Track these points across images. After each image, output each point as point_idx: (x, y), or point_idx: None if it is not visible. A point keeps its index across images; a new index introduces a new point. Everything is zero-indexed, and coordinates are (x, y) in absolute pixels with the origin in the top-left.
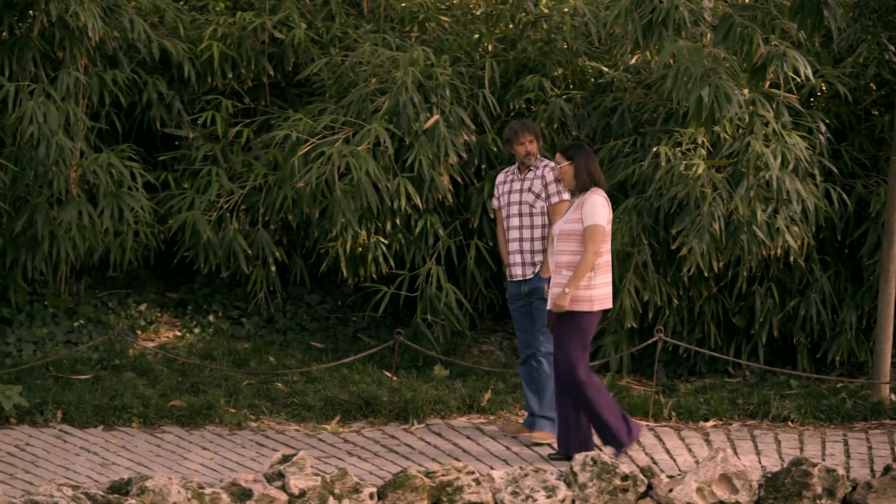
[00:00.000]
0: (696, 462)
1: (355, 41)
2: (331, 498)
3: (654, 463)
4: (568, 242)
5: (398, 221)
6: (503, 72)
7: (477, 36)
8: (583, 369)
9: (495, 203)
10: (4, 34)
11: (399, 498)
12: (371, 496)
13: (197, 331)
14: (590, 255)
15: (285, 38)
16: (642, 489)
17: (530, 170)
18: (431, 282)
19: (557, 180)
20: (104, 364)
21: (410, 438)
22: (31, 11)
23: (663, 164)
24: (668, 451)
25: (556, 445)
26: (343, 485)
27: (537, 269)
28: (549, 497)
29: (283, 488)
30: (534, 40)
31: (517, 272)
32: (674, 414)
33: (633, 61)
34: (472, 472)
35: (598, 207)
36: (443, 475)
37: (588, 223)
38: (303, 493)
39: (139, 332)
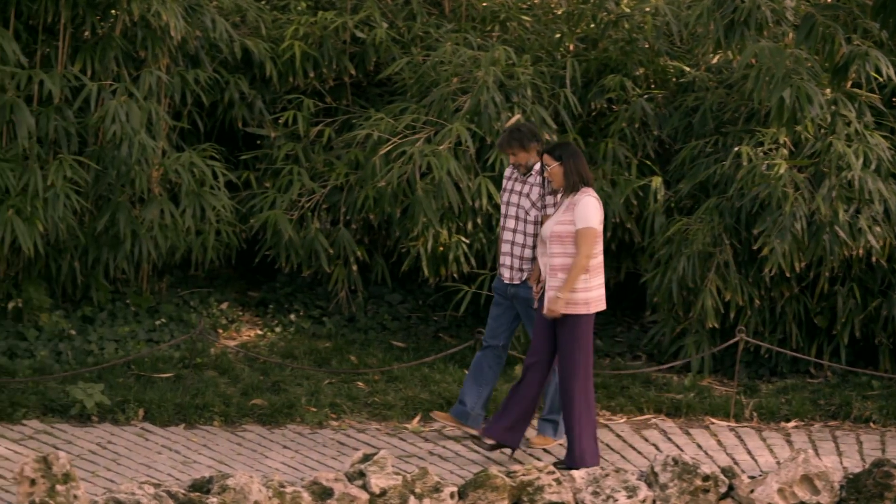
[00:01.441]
0: (778, 463)
1: (436, 41)
2: (411, 497)
3: (736, 463)
4: (560, 244)
5: (479, 221)
6: (584, 71)
7: (558, 35)
8: (581, 377)
9: (502, 198)
10: (87, 34)
11: (479, 497)
12: (452, 495)
13: (278, 330)
14: (582, 258)
15: (367, 38)
16: (723, 490)
17: (534, 175)
18: None
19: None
20: (186, 363)
21: None
22: (113, 11)
23: (745, 164)
24: (749, 452)
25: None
26: (424, 484)
27: (524, 276)
28: (629, 497)
29: (364, 487)
30: (615, 40)
31: (505, 274)
32: (755, 414)
33: (715, 61)
34: (553, 472)
35: (590, 209)
36: (523, 474)
37: (581, 225)
38: (383, 492)
39: (220, 331)
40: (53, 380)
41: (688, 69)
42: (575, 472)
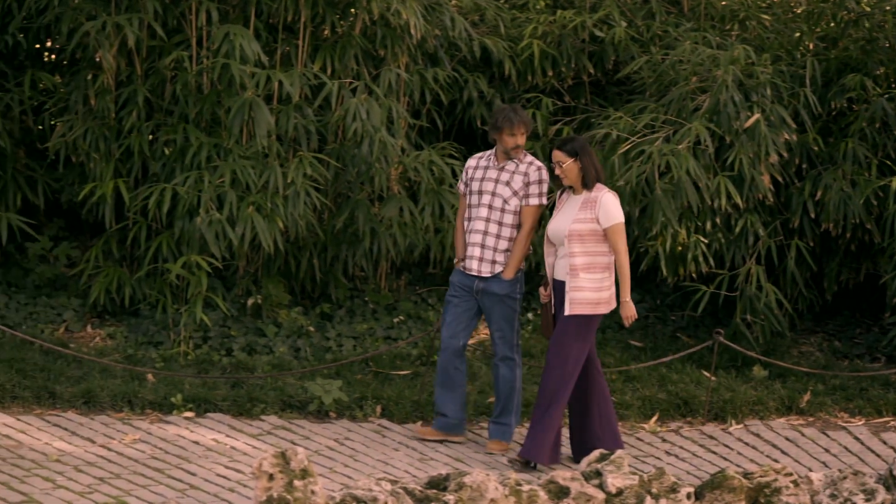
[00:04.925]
0: None
1: (675, 39)
2: (648, 497)
3: None
4: (581, 243)
5: (718, 221)
6: (824, 70)
7: (798, 34)
8: (574, 376)
9: (461, 187)
10: (327, 32)
11: (716, 498)
12: (688, 496)
13: None
14: (622, 253)
15: (605, 37)
16: None
17: (512, 162)
18: (751, 281)
19: (541, 182)
20: (423, 360)
21: (728, 439)
22: (352, 10)
23: None
24: None
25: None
26: (660, 484)
27: (496, 269)
28: (867, 500)
29: (601, 486)
30: (855, 38)
31: (473, 266)
32: None
33: None
34: (791, 474)
35: (614, 205)
36: (761, 476)
37: (611, 223)
38: (620, 492)
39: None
40: (292, 376)
41: None
42: (812, 475)
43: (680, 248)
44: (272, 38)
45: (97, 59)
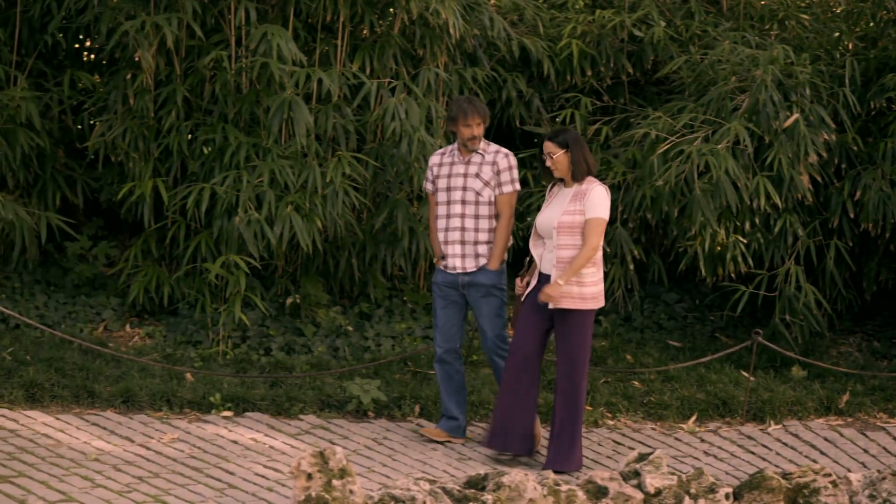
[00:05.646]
0: None
1: (714, 39)
2: (686, 497)
3: None
4: (570, 236)
5: (757, 220)
6: (863, 70)
7: (837, 34)
8: (586, 375)
9: (429, 186)
10: (365, 32)
11: (755, 499)
12: (727, 496)
13: None
14: (589, 249)
15: (644, 36)
16: None
17: (477, 153)
18: (790, 282)
19: (511, 168)
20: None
21: (767, 439)
22: (391, 9)
23: None
24: None
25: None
26: (699, 484)
27: (481, 262)
28: None
29: (639, 487)
30: (895, 38)
31: (456, 264)
32: None
33: None
34: (829, 475)
35: (602, 199)
36: (799, 477)
37: (592, 215)
38: (658, 492)
39: None
40: (330, 375)
41: None
42: (851, 475)
43: (719, 248)
44: (311, 38)
45: (136, 59)
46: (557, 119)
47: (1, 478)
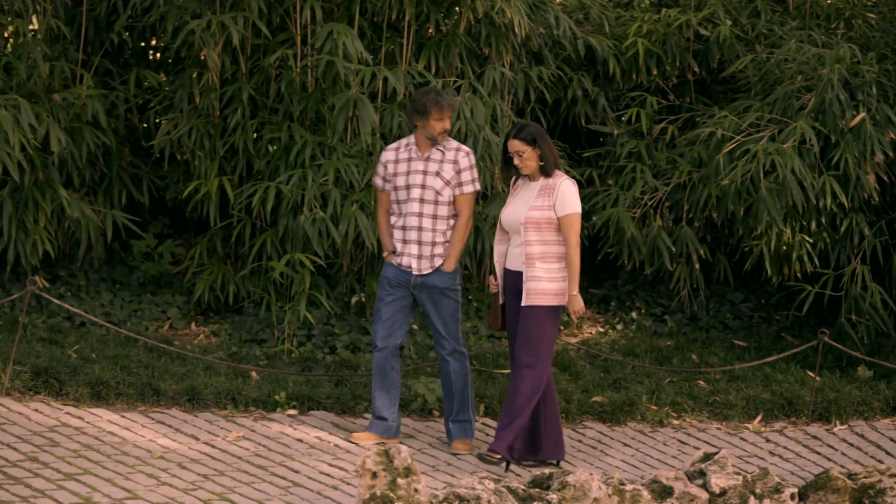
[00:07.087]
0: None
1: (780, 38)
2: (751, 497)
3: None
4: (537, 232)
5: (823, 220)
6: None
7: None
8: (548, 370)
9: (379, 182)
10: (431, 31)
11: (820, 499)
12: (792, 497)
13: (619, 327)
14: (574, 246)
15: (710, 35)
16: None
17: (437, 149)
18: (856, 281)
19: (472, 167)
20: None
21: (833, 439)
22: (457, 8)
23: None
24: None
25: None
26: (764, 484)
27: (436, 262)
28: None
29: (704, 486)
30: None
31: (412, 265)
32: None
33: None
34: (895, 475)
35: (573, 194)
36: (865, 477)
37: (567, 211)
38: (723, 492)
39: (562, 328)
40: None
41: None
42: None
43: (785, 247)
44: (376, 37)
45: (202, 58)
46: (623, 118)
47: (66, 475)
